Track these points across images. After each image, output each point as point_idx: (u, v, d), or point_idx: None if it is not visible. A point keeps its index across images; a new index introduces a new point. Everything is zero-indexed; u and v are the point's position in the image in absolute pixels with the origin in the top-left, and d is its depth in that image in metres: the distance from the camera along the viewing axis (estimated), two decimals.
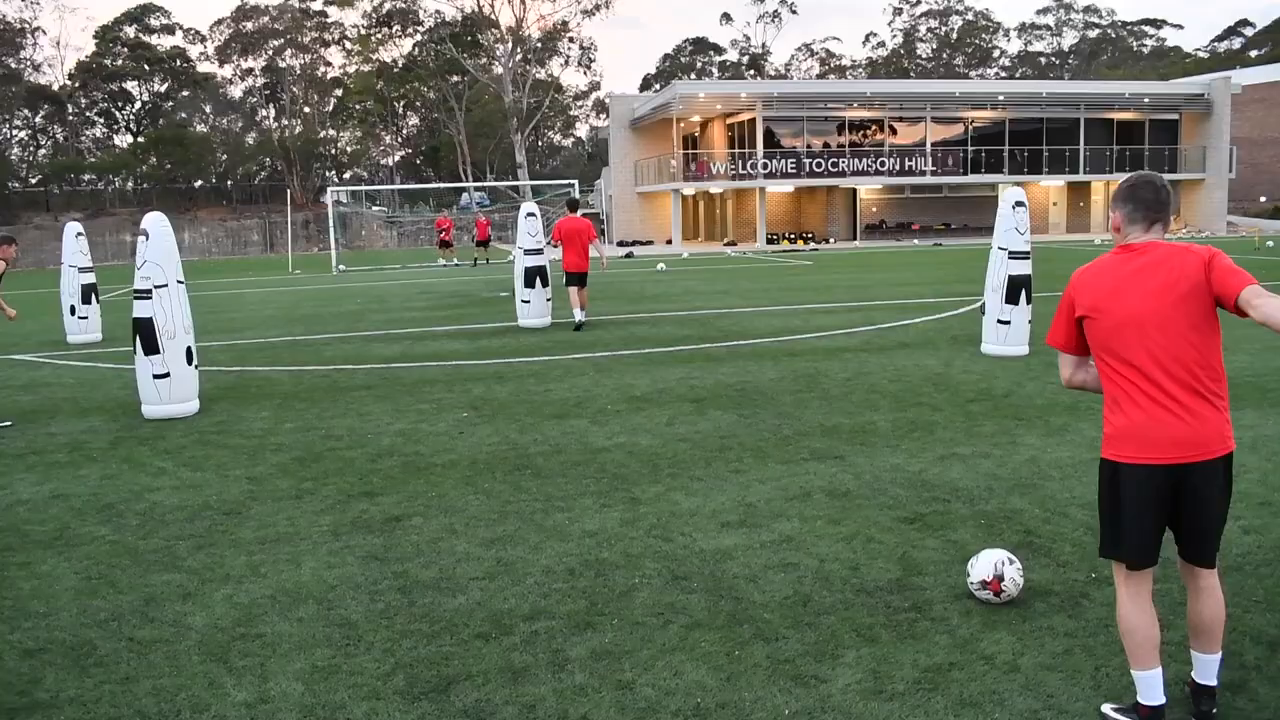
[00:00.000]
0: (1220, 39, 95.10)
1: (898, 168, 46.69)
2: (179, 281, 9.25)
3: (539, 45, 60.70)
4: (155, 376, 9.11)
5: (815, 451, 7.24)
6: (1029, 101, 48.37)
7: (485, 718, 3.64)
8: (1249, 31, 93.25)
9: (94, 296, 15.72)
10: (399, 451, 7.66)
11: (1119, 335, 3.27)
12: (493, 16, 59.27)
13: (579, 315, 15.02)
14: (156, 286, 9.02)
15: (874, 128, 47.93)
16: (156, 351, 9.05)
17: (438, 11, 61.08)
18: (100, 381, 11.67)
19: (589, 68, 62.56)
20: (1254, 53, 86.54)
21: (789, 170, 45.41)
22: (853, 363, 11.09)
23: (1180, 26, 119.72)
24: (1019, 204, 11.28)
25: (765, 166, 44.76)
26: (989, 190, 49.69)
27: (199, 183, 66.37)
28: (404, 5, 60.20)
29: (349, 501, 6.39)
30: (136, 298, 9.12)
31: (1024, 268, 11.05)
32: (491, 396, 9.79)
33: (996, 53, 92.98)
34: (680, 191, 46.34)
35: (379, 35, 61.51)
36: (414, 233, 56.81)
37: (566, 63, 62.80)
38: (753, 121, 46.02)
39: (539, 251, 15.21)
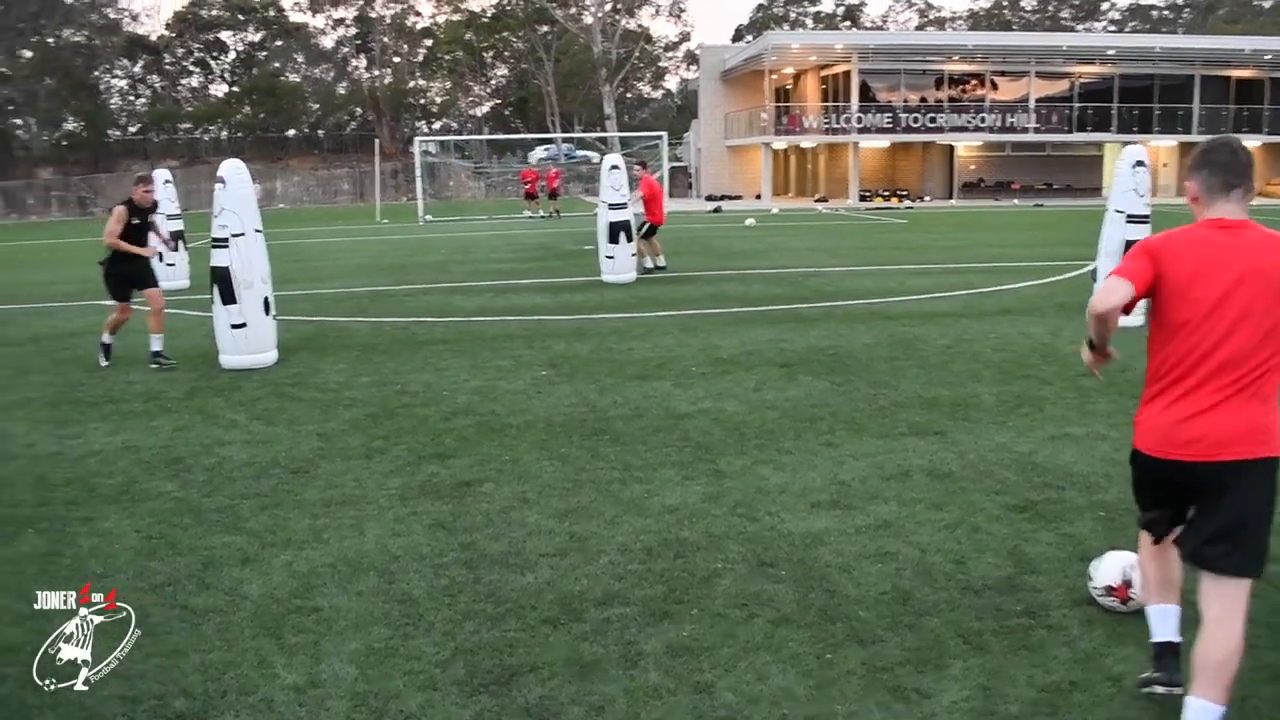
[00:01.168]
0: None
1: (999, 124, 45.03)
2: (256, 230, 9.07)
3: None
4: (232, 326, 8.96)
5: (914, 426, 6.75)
6: (1140, 57, 46.16)
7: (549, 718, 3.31)
8: None
9: (181, 243, 15.76)
10: (474, 410, 7.37)
11: (1203, 319, 2.97)
12: None
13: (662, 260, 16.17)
14: (234, 235, 8.84)
15: (974, 82, 46.28)
16: (234, 301, 8.89)
17: None
18: (183, 330, 11.62)
19: (679, 17, 61.38)
20: None
21: (884, 125, 44.13)
22: (952, 329, 10.50)
23: None
24: (1139, 164, 10.55)
25: (860, 121, 43.53)
26: (1094, 150, 47.80)
27: (291, 132, 67.09)
28: None
29: (419, 463, 6.12)
30: (214, 246, 8.96)
31: (1142, 232, 10.31)
32: (572, 354, 9.46)
33: (1105, 5, 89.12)
34: (771, 145, 45.40)
35: None
36: (501, 184, 56.72)
37: (657, 12, 61.81)
38: (848, 74, 44.73)
39: (623, 206, 14.78)
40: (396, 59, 68.24)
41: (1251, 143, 47.42)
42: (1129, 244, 10.24)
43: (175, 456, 6.39)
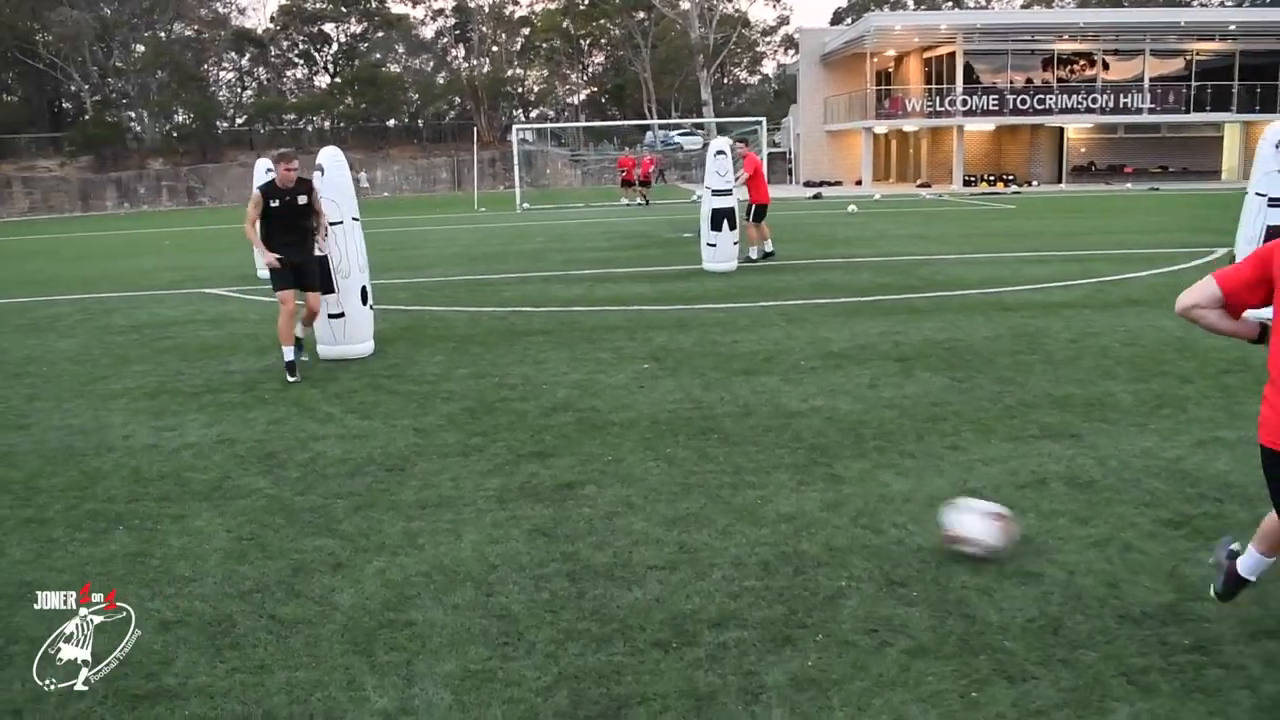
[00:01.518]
0: None
1: (1111, 105, 43.27)
2: (354, 219, 8.90)
3: None
4: (330, 316, 8.81)
5: (1046, 428, 6.24)
6: (1264, 32, 43.82)
7: None
8: None
9: None
10: (574, 406, 7.07)
11: None
12: None
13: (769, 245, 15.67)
14: (331, 224, 8.68)
15: (1084, 62, 44.56)
16: (331, 290, 8.74)
17: None
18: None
19: (779, 1, 60.19)
20: None
21: (990, 107, 42.76)
22: (1076, 321, 9.87)
23: None
24: None
25: (965, 103, 42.27)
26: (1213, 130, 45.70)
27: (391, 122, 67.98)
28: None
29: (518, 462, 5.84)
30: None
31: None
32: (675, 346, 9.10)
33: None
34: (872, 130, 44.39)
35: None
36: (598, 171, 56.63)
37: None
38: (952, 55, 43.47)
39: (728, 192, 14.36)
40: (494, 48, 68.61)
41: None
42: (1271, 230, 9.50)
43: (269, 451, 6.21)
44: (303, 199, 8.12)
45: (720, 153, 14.47)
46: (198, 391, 7.92)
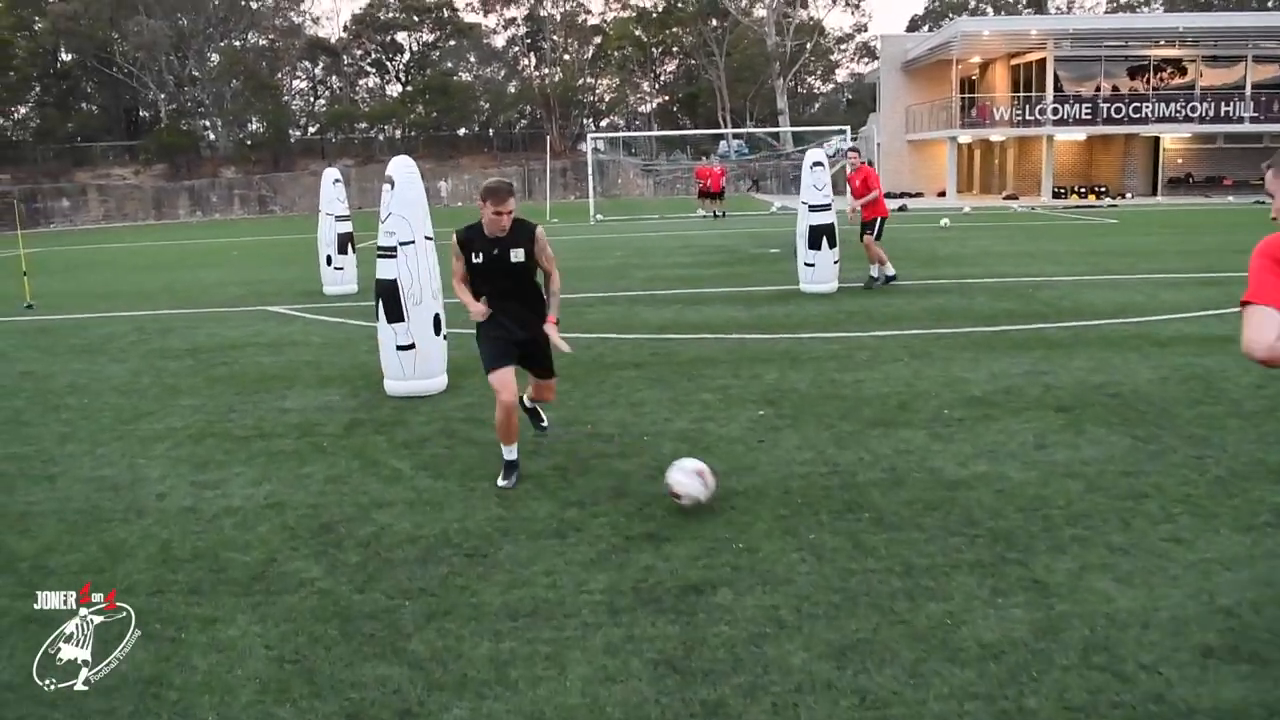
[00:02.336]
0: None
1: (1211, 113, 41.15)
2: (428, 238, 7.87)
3: None
4: (399, 348, 7.79)
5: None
6: None
7: None
8: None
9: (350, 246, 14.94)
10: None
11: None
12: None
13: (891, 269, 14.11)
14: (402, 244, 7.66)
15: (1182, 68, 42.49)
16: (401, 319, 7.71)
17: None
18: (347, 343, 10.63)
19: (857, 7, 58.67)
20: None
21: (1083, 116, 40.87)
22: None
23: None
24: None
25: (1056, 112, 40.44)
26: None
27: (462, 130, 67.66)
28: None
29: (628, 546, 4.72)
30: (380, 256, 7.80)
31: None
32: (789, 386, 7.93)
33: None
34: (956, 139, 42.74)
35: None
36: (670, 181, 55.59)
37: (834, 3, 59.34)
38: (1041, 62, 41.71)
39: (827, 207, 13.16)
40: (566, 56, 67.97)
41: None
42: None
43: (325, 522, 5.17)
44: (519, 254, 5.59)
45: (818, 164, 13.26)
46: (248, 435, 6.93)
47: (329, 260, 14.89)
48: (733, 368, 8.66)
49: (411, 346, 7.77)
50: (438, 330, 7.93)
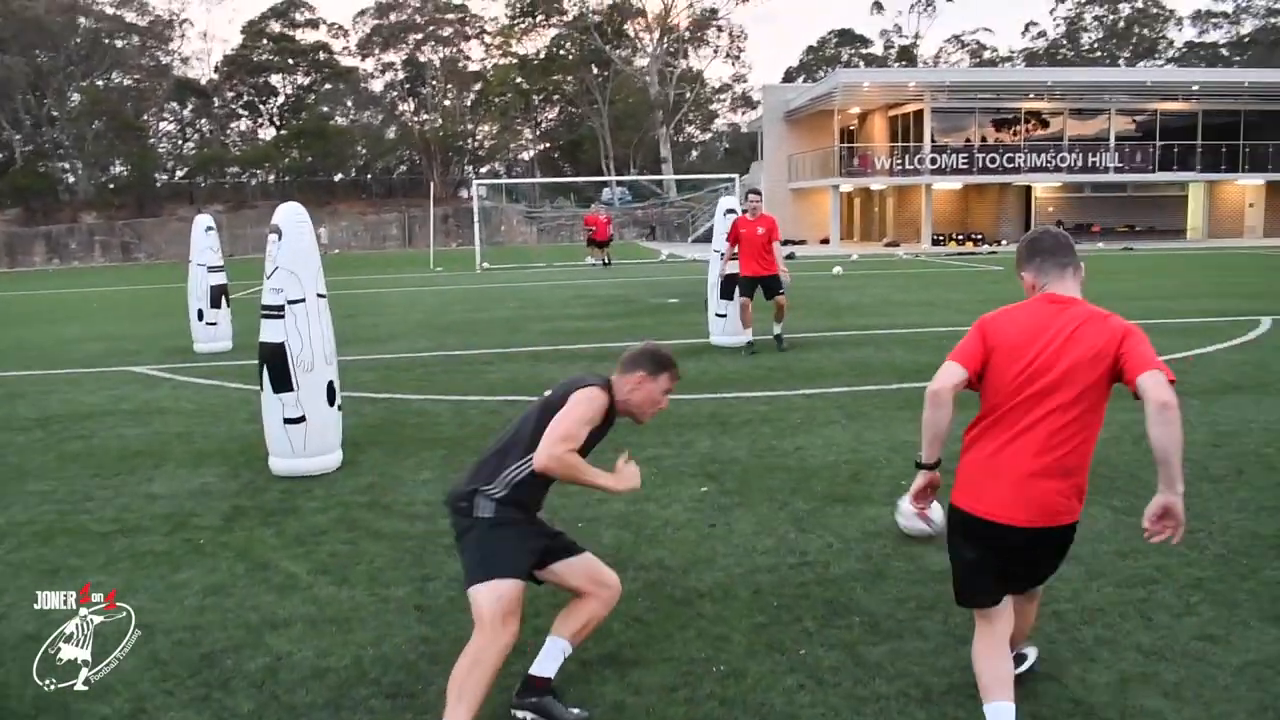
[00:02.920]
0: None
1: (1080, 163, 42.65)
2: (320, 295, 6.95)
3: (687, 35, 58.14)
4: (287, 421, 6.82)
5: None
6: (1226, 92, 43.71)
7: None
8: None
9: (224, 299, 13.76)
10: (633, 560, 5.15)
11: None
12: (639, 5, 56.97)
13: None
14: (291, 302, 6.72)
15: (1052, 120, 44.04)
16: (289, 388, 6.75)
17: (582, 0, 58.78)
18: (223, 409, 9.54)
19: (737, 58, 59.37)
20: None
21: (960, 166, 41.85)
22: (1199, 414, 8.16)
23: None
24: None
25: (934, 161, 41.31)
26: (1177, 190, 45.33)
27: (338, 176, 65.96)
28: None
29: (587, 675, 3.91)
30: (265, 316, 6.83)
31: None
32: (726, 456, 7.22)
33: (1162, 44, 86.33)
34: (839, 188, 43.25)
35: (523, 25, 59.81)
36: (554, 229, 54.98)
37: (715, 53, 59.97)
38: (919, 113, 42.67)
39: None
40: (446, 102, 67.06)
41: None
42: None
43: (207, 652, 4.21)
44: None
45: (730, 211, 12.73)
46: (108, 531, 5.86)
47: (200, 314, 13.68)
48: (659, 434, 7.90)
49: (302, 419, 6.81)
50: (331, 400, 6.99)
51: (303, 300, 6.77)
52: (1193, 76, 45.78)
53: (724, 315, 12.64)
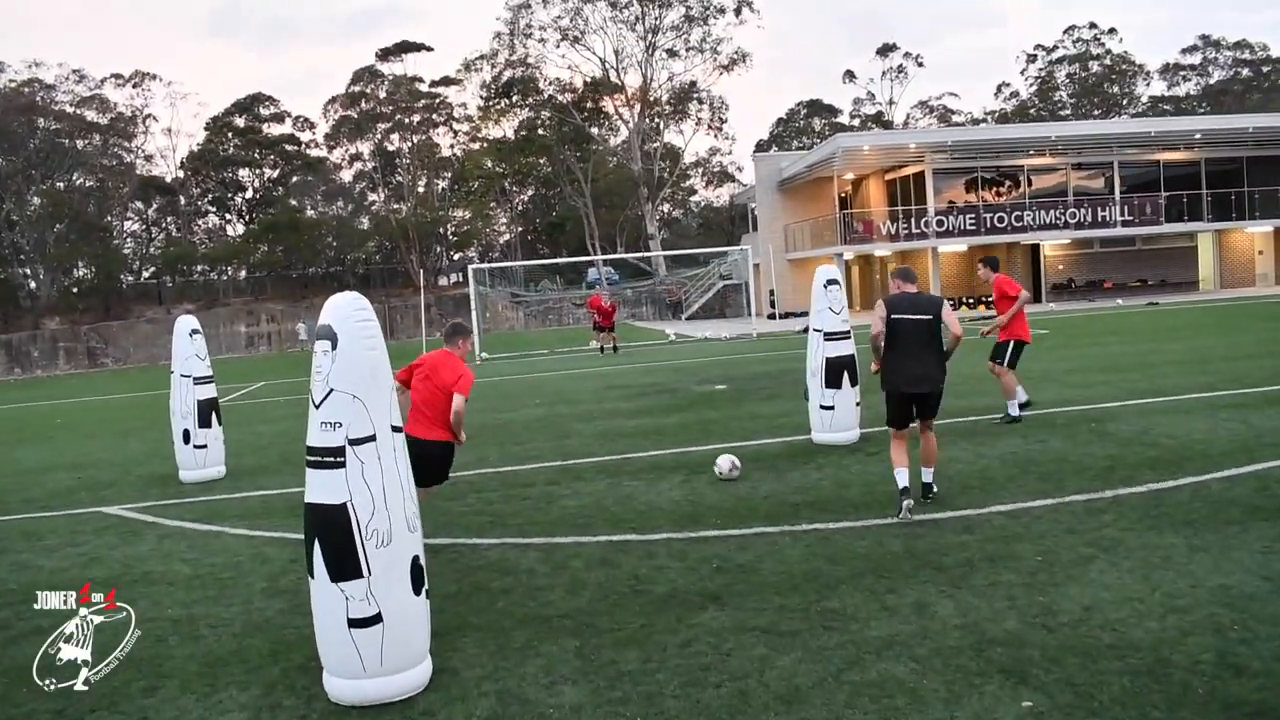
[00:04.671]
0: None
1: (1089, 219, 41.21)
2: (395, 429, 4.63)
3: (668, 109, 56.83)
4: (354, 624, 4.45)
5: None
6: (1229, 139, 42.62)
7: None
8: None
9: (215, 416, 11.38)
10: None
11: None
12: (618, 80, 55.70)
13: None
14: (355, 442, 4.42)
15: (1056, 175, 42.71)
16: (357, 574, 4.41)
17: (557, 79, 57.52)
18: (233, 574, 7.11)
19: (720, 129, 57.98)
20: None
21: (968, 227, 40.26)
22: None
23: None
24: None
25: (941, 224, 39.68)
26: (1186, 240, 44.00)
27: (312, 269, 63.78)
28: (523, 73, 56.98)
29: None
30: (314, 464, 4.51)
31: None
32: (996, 631, 4.90)
33: (1127, 100, 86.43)
34: (843, 255, 41.49)
35: (498, 106, 58.32)
36: (540, 312, 52.91)
37: (698, 124, 58.67)
38: (919, 175, 41.21)
39: (845, 335, 10.45)
40: (421, 188, 65.33)
41: None
42: None
43: None
44: None
45: (833, 282, 10.59)
46: None
47: (187, 436, 11.28)
48: (871, 595, 5.59)
49: (376, 619, 4.45)
50: (419, 586, 4.64)
51: (372, 439, 4.45)
52: (1196, 125, 44.73)
53: (831, 408, 10.39)
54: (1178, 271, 43.57)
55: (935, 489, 7.75)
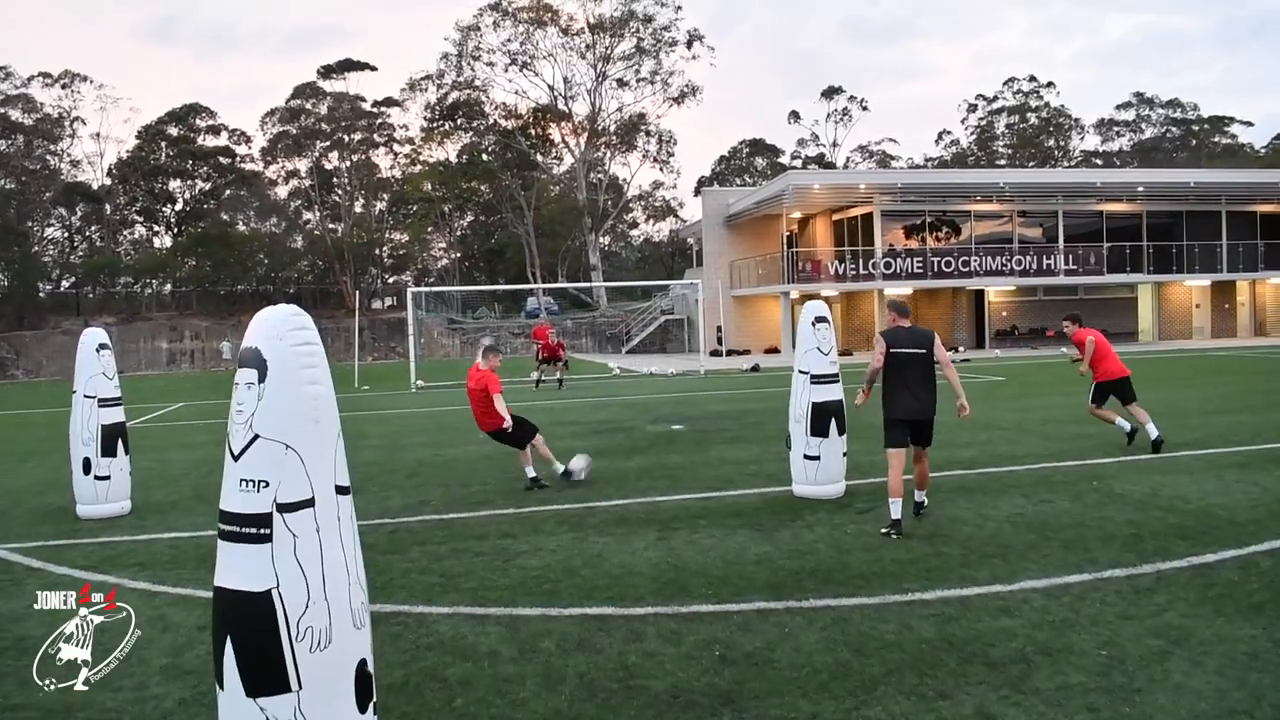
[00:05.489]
0: None
1: (1034, 266, 41.16)
2: (341, 489, 3.51)
3: (616, 139, 56.07)
4: None
5: None
6: (1170, 193, 43.00)
7: None
8: None
9: (121, 445, 10.04)
10: None
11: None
12: (565, 108, 54.86)
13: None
14: (285, 508, 3.29)
15: (1003, 222, 42.70)
16: (284, 688, 3.28)
17: (504, 104, 56.47)
18: (146, 636, 5.85)
19: (666, 163, 57.28)
20: None
21: (914, 270, 39.92)
22: None
23: (1250, 124, 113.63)
24: None
25: (889, 265, 39.29)
26: (1127, 291, 44.23)
27: (240, 286, 61.69)
28: (469, 95, 55.86)
29: None
30: (226, 537, 3.38)
31: None
32: None
33: (1061, 153, 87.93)
34: (790, 295, 40.89)
35: (442, 128, 57.08)
36: (477, 340, 51.54)
37: (644, 157, 57.96)
38: (867, 216, 40.82)
39: (834, 379, 9.50)
40: (359, 208, 63.73)
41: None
42: None
43: None
44: None
45: (821, 319, 9.63)
46: None
47: (87, 466, 9.93)
48: (920, 701, 4.56)
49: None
50: (365, 701, 3.51)
51: (309, 503, 3.33)
52: (1138, 177, 45.16)
53: (816, 457, 9.41)
54: (1119, 322, 43.65)
55: (926, 504, 8.50)
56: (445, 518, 9.21)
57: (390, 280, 69.20)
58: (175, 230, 62.05)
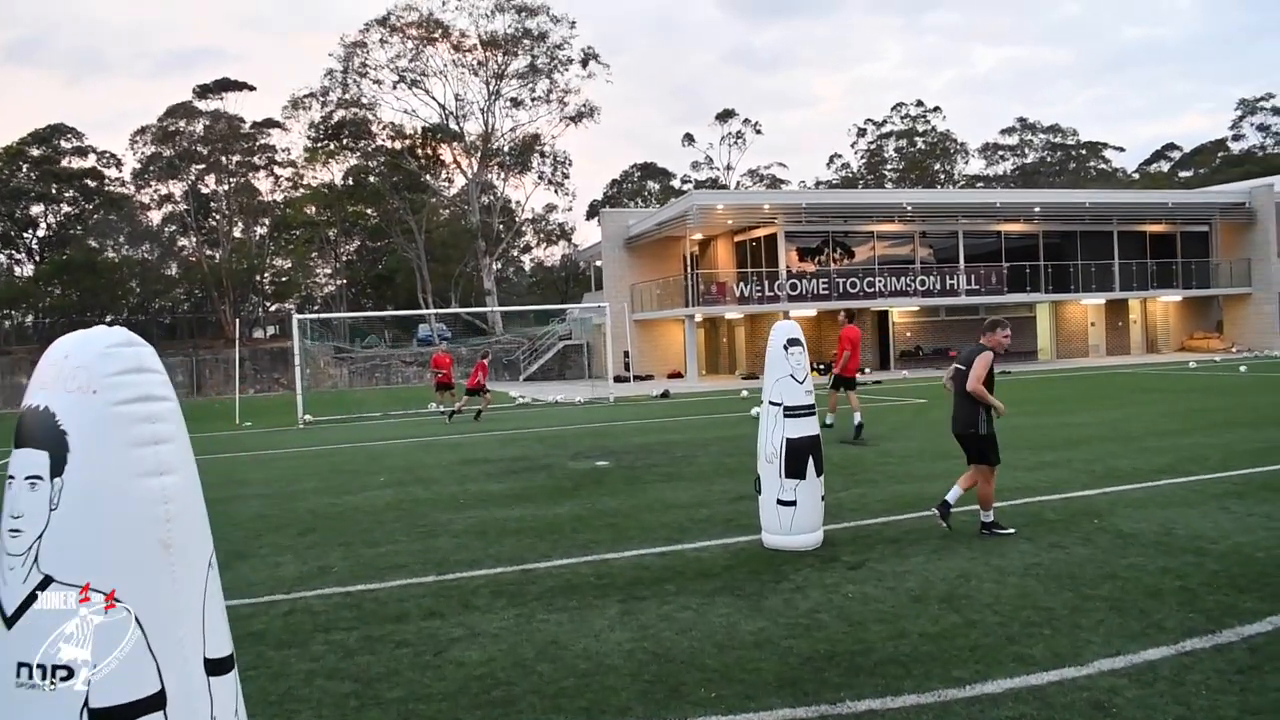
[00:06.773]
0: (1148, 162, 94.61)
1: (937, 286, 40.95)
2: (213, 665, 1.97)
3: (509, 160, 54.42)
4: None
5: None
6: (1066, 214, 43.49)
7: None
8: (1175, 155, 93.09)
9: None
10: None
11: None
12: (457, 128, 53.04)
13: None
14: (105, 717, 1.75)
15: (905, 242, 42.49)
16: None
17: (392, 123, 54.38)
18: None
19: (561, 185, 55.87)
20: (1183, 174, 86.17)
21: (820, 291, 39.26)
22: None
23: (1122, 149, 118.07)
24: None
25: (795, 287, 38.53)
26: (1026, 310, 44.46)
27: (110, 316, 58.07)
28: (355, 114, 53.61)
29: None
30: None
31: None
32: None
33: (945, 177, 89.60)
34: (694, 317, 39.81)
35: (327, 149, 54.64)
36: (367, 370, 49.21)
37: (540, 180, 56.44)
38: (771, 237, 40.09)
39: (810, 410, 8.18)
40: (238, 234, 60.68)
41: (1170, 298, 45.49)
42: None
43: None
44: None
45: (795, 342, 8.31)
46: None
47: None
48: None
49: None
50: None
51: (156, 703, 1.78)
52: (1036, 198, 45.49)
53: (792, 503, 8.05)
54: (1019, 341, 43.75)
55: (987, 524, 8.40)
56: (352, 591, 7.55)
57: (273, 308, 66.17)
58: (38, 258, 58.14)
